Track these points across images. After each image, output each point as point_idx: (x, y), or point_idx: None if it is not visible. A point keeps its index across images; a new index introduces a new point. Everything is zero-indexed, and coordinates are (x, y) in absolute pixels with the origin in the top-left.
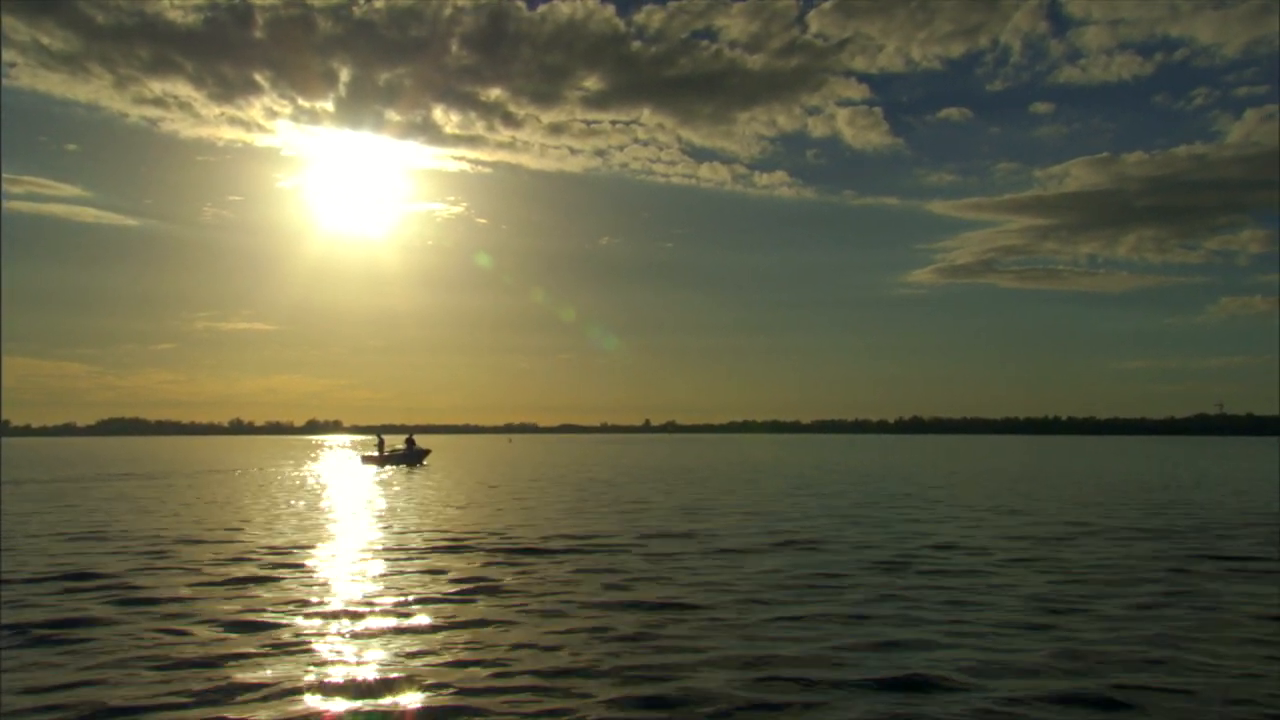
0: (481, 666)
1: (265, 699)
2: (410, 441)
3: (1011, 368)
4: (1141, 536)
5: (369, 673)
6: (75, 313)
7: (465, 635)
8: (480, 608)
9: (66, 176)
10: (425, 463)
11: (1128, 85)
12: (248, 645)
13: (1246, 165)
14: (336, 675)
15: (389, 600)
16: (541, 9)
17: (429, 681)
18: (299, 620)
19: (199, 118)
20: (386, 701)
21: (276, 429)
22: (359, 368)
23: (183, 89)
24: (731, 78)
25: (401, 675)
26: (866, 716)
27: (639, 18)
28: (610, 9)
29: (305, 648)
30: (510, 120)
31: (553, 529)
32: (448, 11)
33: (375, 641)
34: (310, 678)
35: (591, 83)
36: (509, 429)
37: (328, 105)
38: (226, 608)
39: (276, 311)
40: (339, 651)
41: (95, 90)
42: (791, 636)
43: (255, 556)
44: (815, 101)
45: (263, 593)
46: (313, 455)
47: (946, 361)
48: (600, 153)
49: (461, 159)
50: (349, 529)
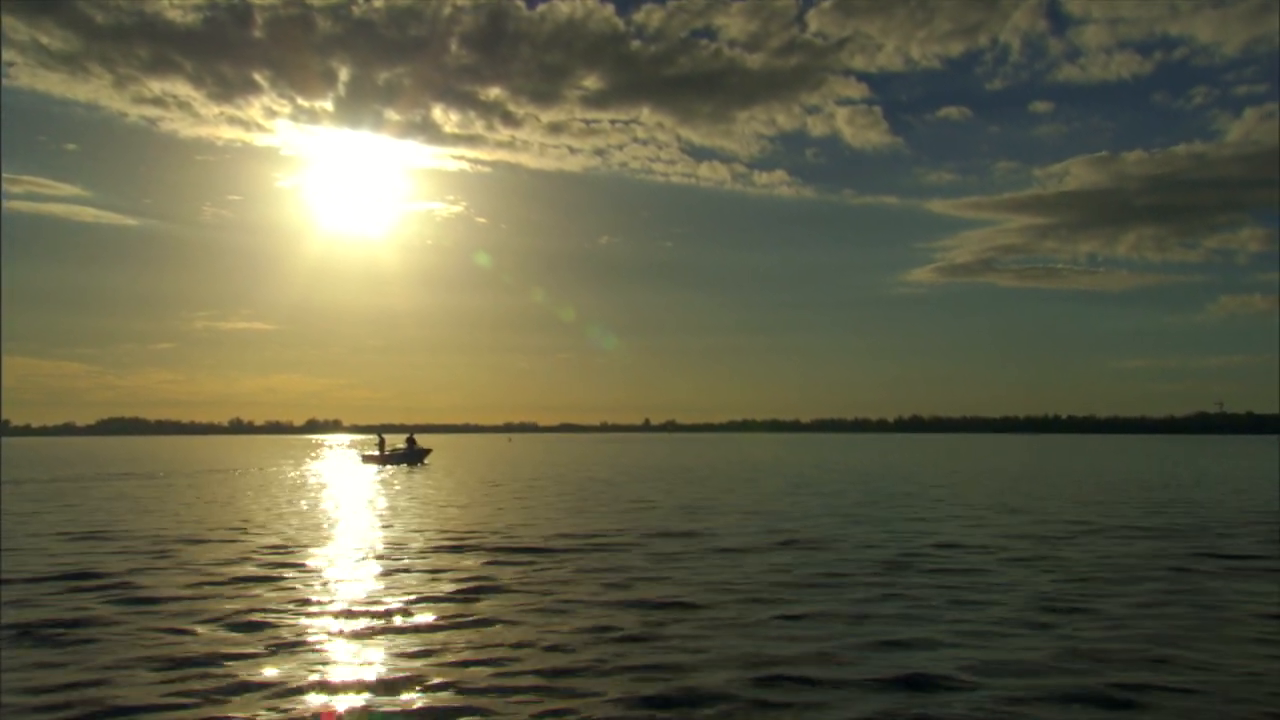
0: (484, 666)
1: (268, 698)
2: (411, 441)
3: (1011, 367)
4: (1142, 535)
5: (372, 672)
6: (75, 312)
7: (468, 634)
8: (482, 607)
9: (66, 176)
10: (426, 462)
11: (1127, 84)
12: (250, 644)
13: (1246, 164)
14: (339, 675)
15: (391, 599)
16: (541, 8)
17: (432, 681)
18: (301, 619)
19: (198, 117)
20: (389, 700)
21: (276, 428)
22: (358, 367)
23: (182, 88)
24: (731, 77)
25: (404, 674)
26: (869, 715)
27: (638, 17)
28: (609, 8)
29: (308, 647)
30: (509, 119)
31: (554, 528)
32: (447, 11)
33: (378, 640)
34: (313, 677)
35: (591, 82)
36: (509, 428)
37: (327, 105)
38: (228, 607)
39: (276, 311)
40: (341, 651)
41: (94, 90)
42: (794, 635)
43: (257, 556)
44: (814, 100)
45: (265, 592)
46: (313, 455)
47: (946, 361)
48: (599, 152)
49: (461, 158)
50: (350, 528)
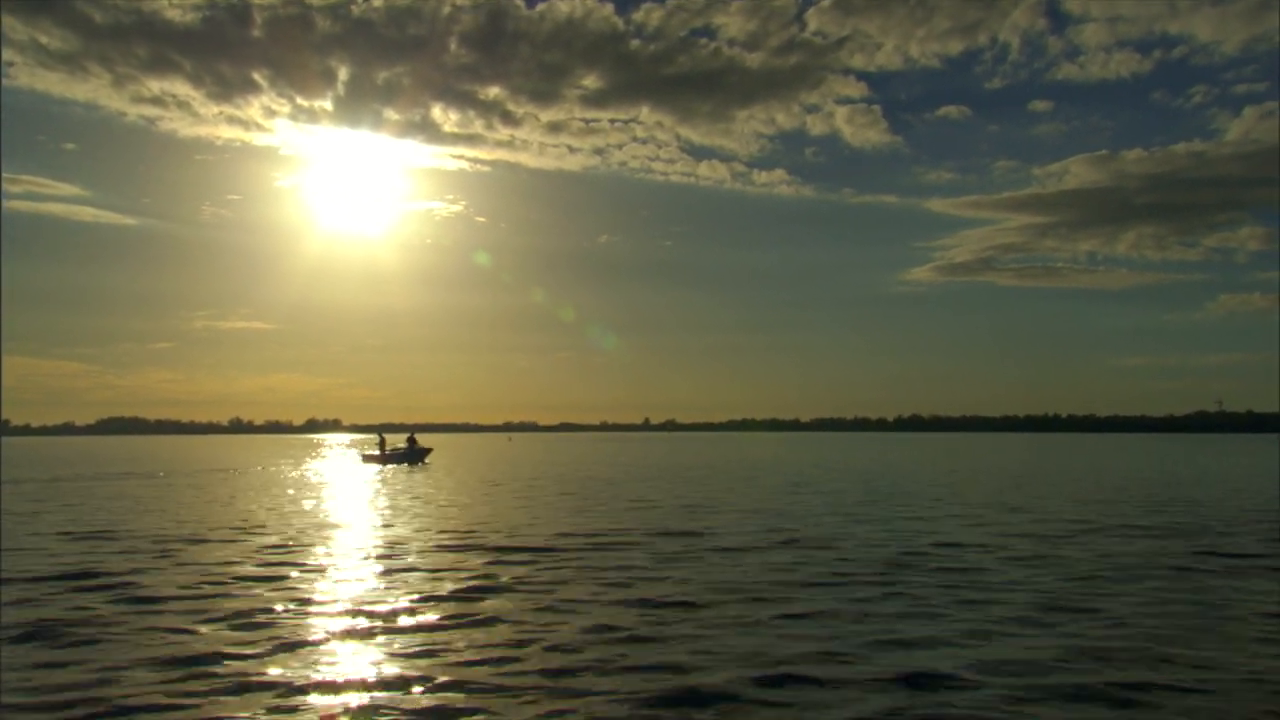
0: (487, 665)
1: (271, 698)
2: (412, 440)
3: (1011, 365)
4: (1143, 534)
5: (375, 671)
6: (74, 312)
7: (470, 634)
8: (485, 606)
9: (65, 175)
10: (427, 461)
11: (1126, 83)
12: (253, 644)
13: (1245, 162)
14: (342, 674)
15: (393, 599)
16: (540, 7)
17: (436, 680)
18: (304, 619)
19: (197, 117)
20: (393, 699)
21: (276, 428)
22: (358, 366)
23: (181, 88)
24: (730, 76)
25: (407, 674)
26: (873, 713)
27: (637, 16)
28: (609, 7)
29: (311, 646)
30: (509, 119)
31: (555, 527)
32: (446, 10)
33: (380, 640)
34: (316, 676)
35: (590, 81)
36: (508, 427)
37: (326, 104)
38: (231, 606)
39: (275, 310)
40: (344, 650)
41: (93, 89)
42: (796, 634)
43: (259, 555)
44: (814, 99)
45: (267, 591)
46: (313, 454)
47: (946, 359)
48: (599, 151)
49: (460, 157)
50: (352, 528)
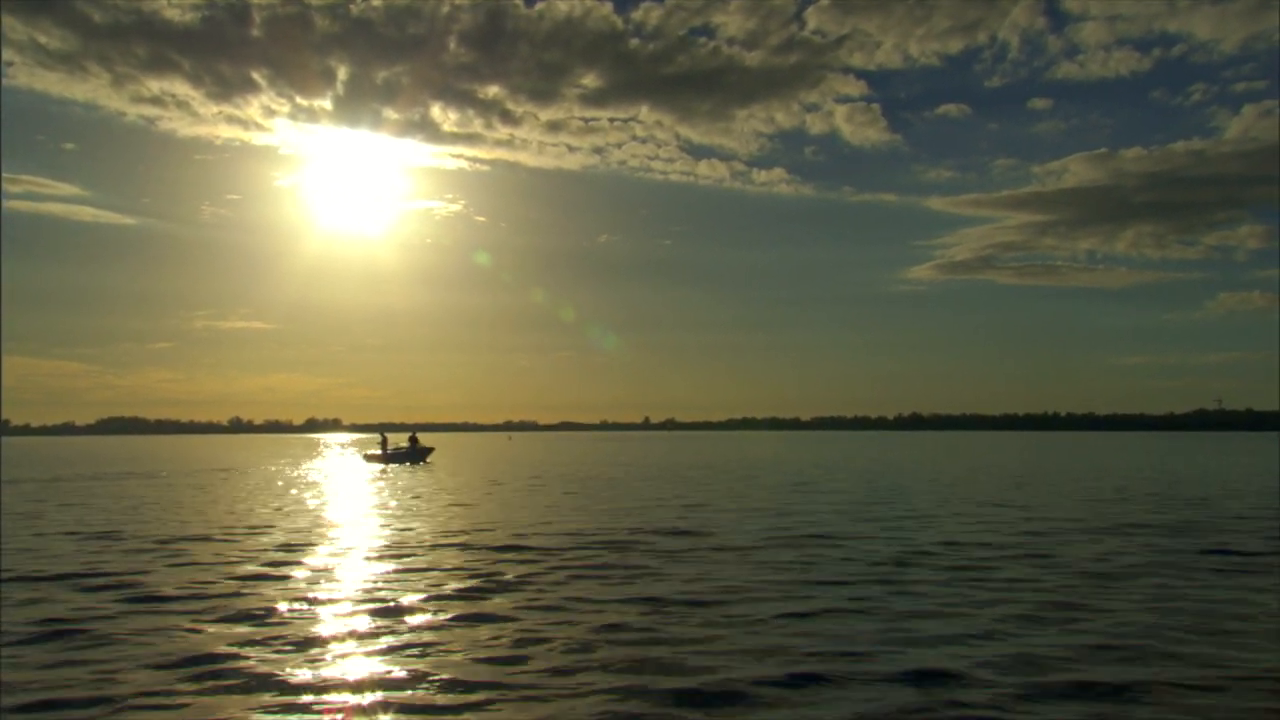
0: (492, 664)
1: (276, 696)
2: (413, 439)
3: (1011, 364)
4: (1145, 532)
5: (381, 669)
6: (73, 312)
7: (476, 631)
8: (490, 604)
9: (64, 175)
10: (429, 460)
11: (1126, 81)
12: (259, 642)
13: (1245, 161)
14: (349, 672)
15: (399, 597)
16: (539, 6)
17: (442, 677)
18: (309, 618)
19: (197, 116)
20: (400, 697)
21: (275, 427)
22: (357, 366)
23: (180, 87)
24: (729, 75)
25: (414, 671)
26: (881, 710)
27: (636, 15)
28: (608, 6)
29: (316, 644)
30: (508, 118)
31: (557, 526)
32: (445, 9)
33: (387, 638)
34: (323, 675)
35: (589, 80)
36: (508, 427)
37: (325, 103)
38: (236, 605)
39: (275, 310)
40: (350, 648)
41: (93, 89)
42: (802, 632)
43: (263, 555)
44: (813, 98)
45: (272, 590)
46: (314, 454)
47: (946, 358)
48: (598, 150)
49: (459, 157)
50: (356, 527)
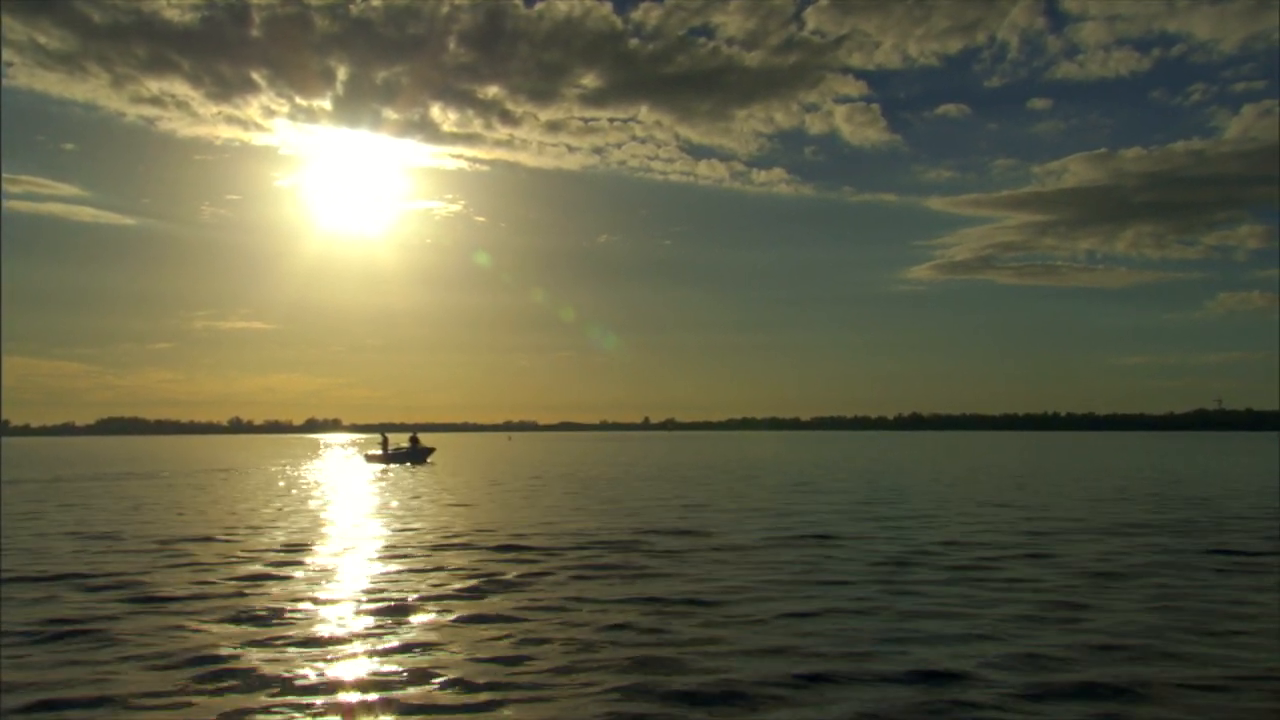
0: (496, 663)
1: (280, 695)
2: (414, 440)
3: (1010, 364)
4: (1147, 532)
5: (382, 668)
6: (73, 312)
7: (479, 631)
8: (493, 604)
9: (64, 176)
10: (430, 461)
11: (1125, 81)
12: (264, 642)
13: (1244, 161)
14: (350, 672)
15: (402, 596)
16: (539, 6)
17: (448, 677)
18: (313, 617)
19: (196, 116)
20: (403, 696)
21: (275, 428)
22: (357, 366)
23: (180, 88)
24: (729, 75)
25: (418, 671)
26: (885, 709)
27: (636, 15)
28: (607, 6)
29: (320, 644)
30: (508, 118)
31: (559, 526)
32: (445, 9)
33: (391, 637)
34: (327, 674)
35: (589, 80)
36: (508, 427)
37: (325, 104)
38: (239, 605)
39: (275, 310)
40: (354, 647)
41: (92, 89)
42: (805, 631)
43: (266, 555)
44: (813, 98)
45: (275, 590)
46: (315, 454)
47: (945, 358)
48: (598, 150)
49: (459, 157)
50: (357, 527)
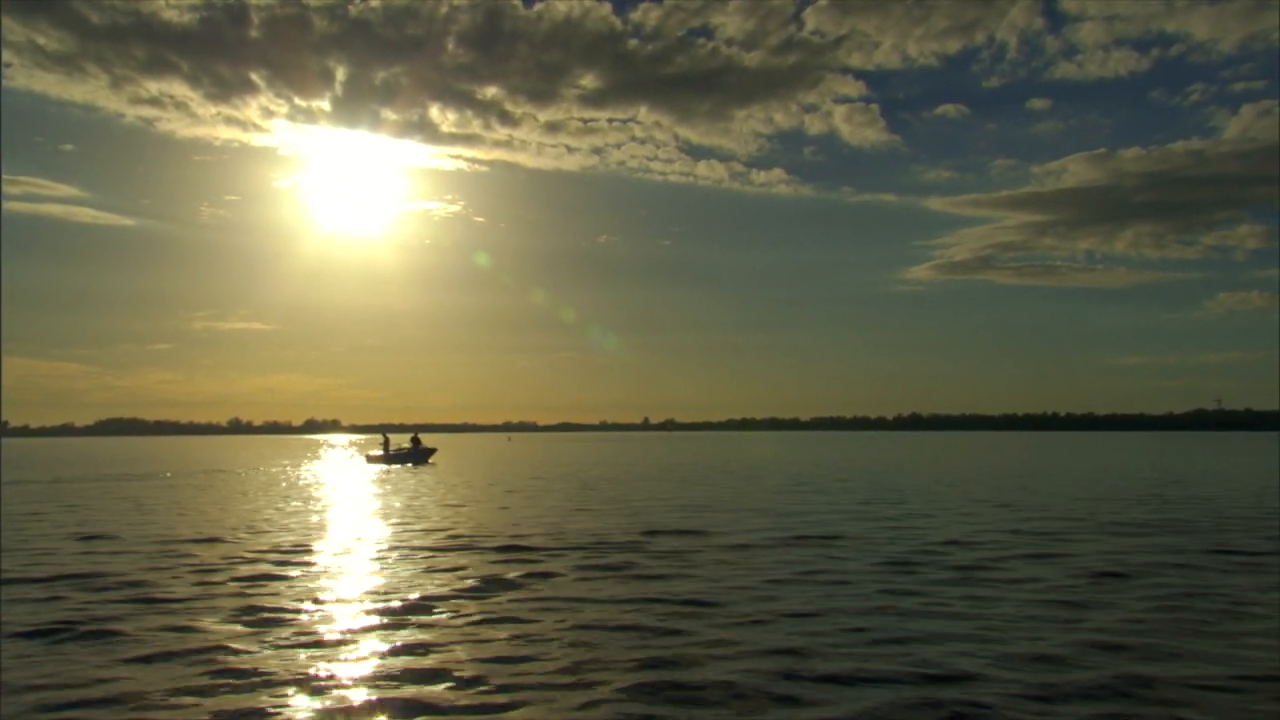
0: (502, 662)
1: (286, 694)
2: (416, 440)
3: (1010, 364)
4: (1148, 531)
5: (386, 668)
6: (72, 313)
7: (484, 630)
8: (495, 604)
9: (63, 176)
10: (432, 461)
11: (1124, 81)
12: (265, 642)
13: (1244, 161)
14: (355, 671)
15: (405, 597)
16: (538, 7)
17: (452, 676)
18: (317, 617)
19: (195, 117)
20: (404, 696)
21: (275, 428)
22: (357, 367)
23: (179, 89)
24: (728, 75)
25: (421, 670)
26: (888, 708)
27: (635, 15)
28: (606, 7)
29: (323, 644)
30: (507, 119)
31: (561, 526)
32: (444, 10)
33: (391, 638)
34: (328, 674)
35: (588, 81)
36: (508, 427)
37: (324, 104)
38: (245, 605)
39: (274, 311)
40: (356, 648)
41: (91, 90)
42: (809, 631)
43: (268, 555)
44: (812, 99)
45: (278, 590)
46: (315, 455)
47: (945, 358)
48: (597, 151)
49: (458, 157)
50: (360, 527)
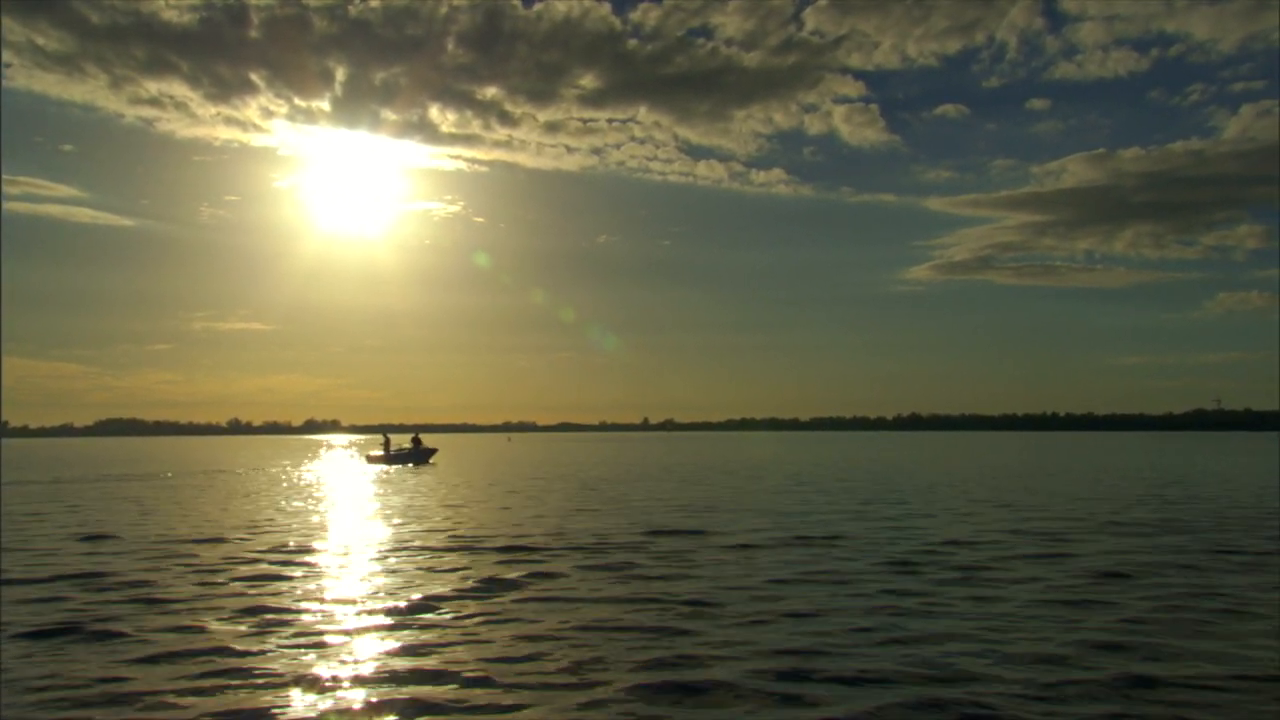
0: (503, 662)
1: (288, 693)
2: (416, 440)
3: (1009, 364)
4: (1148, 531)
5: (388, 668)
6: (72, 313)
7: (485, 630)
8: (496, 604)
9: (63, 177)
10: (432, 461)
11: (1124, 81)
12: (266, 642)
13: (1243, 161)
14: (357, 671)
15: (407, 597)
16: (537, 7)
17: (453, 676)
18: (318, 617)
19: (195, 118)
20: (407, 695)
21: (274, 429)
22: (356, 367)
23: (178, 89)
24: (728, 75)
25: (423, 670)
26: (890, 708)
27: (635, 15)
28: (606, 7)
29: (324, 644)
30: (507, 119)
31: (562, 526)
32: (443, 10)
33: (393, 637)
34: (330, 674)
35: (588, 81)
36: (507, 428)
37: (324, 104)
38: (244, 605)
39: (274, 311)
40: (358, 647)
41: (91, 90)
42: (811, 630)
43: (270, 555)
44: (812, 99)
45: (279, 590)
46: (315, 455)
47: (944, 358)
48: (597, 151)
49: (458, 158)
50: (361, 527)
